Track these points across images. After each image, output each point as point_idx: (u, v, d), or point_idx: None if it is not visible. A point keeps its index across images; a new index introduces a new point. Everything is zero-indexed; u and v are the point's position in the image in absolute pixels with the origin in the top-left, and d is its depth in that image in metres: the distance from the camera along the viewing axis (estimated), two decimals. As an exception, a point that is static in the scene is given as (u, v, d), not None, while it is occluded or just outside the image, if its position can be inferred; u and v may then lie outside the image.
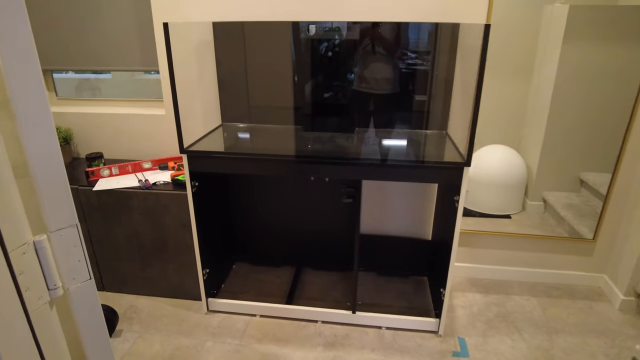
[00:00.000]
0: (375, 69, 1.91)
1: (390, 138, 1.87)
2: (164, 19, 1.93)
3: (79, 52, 2.16)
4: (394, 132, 1.94)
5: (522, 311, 2.01)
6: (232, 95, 2.00)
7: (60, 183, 0.64)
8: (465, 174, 1.53)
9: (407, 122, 1.95)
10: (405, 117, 1.94)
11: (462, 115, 1.92)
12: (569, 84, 1.87)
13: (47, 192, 0.62)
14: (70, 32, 2.12)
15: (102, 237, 1.98)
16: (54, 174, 0.63)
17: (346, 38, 1.86)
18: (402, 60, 1.88)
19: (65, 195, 0.65)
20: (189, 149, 1.65)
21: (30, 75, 0.56)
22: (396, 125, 1.96)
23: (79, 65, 2.20)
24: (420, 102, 1.92)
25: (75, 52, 2.16)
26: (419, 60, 1.86)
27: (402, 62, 1.88)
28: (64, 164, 0.64)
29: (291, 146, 1.75)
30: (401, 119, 1.95)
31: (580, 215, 2.11)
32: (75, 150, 2.29)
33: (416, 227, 2.17)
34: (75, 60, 2.18)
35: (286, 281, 2.18)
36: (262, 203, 2.18)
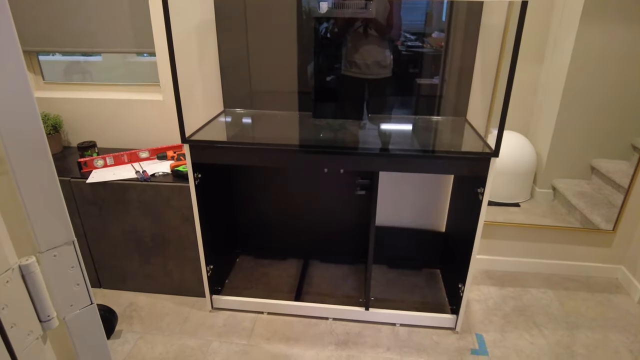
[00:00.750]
0: (385, 54, 1.78)
1: (408, 125, 1.75)
2: None
3: (66, 32, 1.99)
4: (411, 119, 1.82)
5: (540, 305, 1.94)
6: (234, 80, 1.85)
7: (50, 188, 0.52)
8: (492, 165, 1.42)
9: (425, 108, 1.82)
10: (423, 103, 1.82)
11: (483, 100, 1.81)
12: (584, 67, 1.76)
13: (34, 200, 0.50)
14: (56, 10, 1.95)
15: (97, 232, 1.85)
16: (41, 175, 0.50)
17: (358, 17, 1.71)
18: (421, 43, 1.74)
19: (57, 204, 0.53)
20: (192, 139, 1.52)
21: (6, 51, 0.44)
22: (413, 112, 1.84)
23: (66, 46, 2.03)
24: (439, 87, 1.79)
25: (62, 32, 1.99)
26: (439, 43, 1.73)
27: (420, 44, 1.74)
28: (52, 161, 0.52)
29: (302, 135, 1.62)
30: (419, 105, 1.83)
31: (593, 204, 2.03)
32: (66, 138, 2.14)
33: (429, 218, 2.08)
34: (63, 41, 2.01)
35: (293, 275, 2.08)
36: (266, 193, 2.06)
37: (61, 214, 0.52)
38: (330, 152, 1.47)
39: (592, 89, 1.79)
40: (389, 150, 1.45)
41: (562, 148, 1.93)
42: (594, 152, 1.93)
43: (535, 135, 1.96)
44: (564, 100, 1.83)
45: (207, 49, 1.83)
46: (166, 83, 1.95)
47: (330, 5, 1.69)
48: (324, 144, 1.50)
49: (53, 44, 2.03)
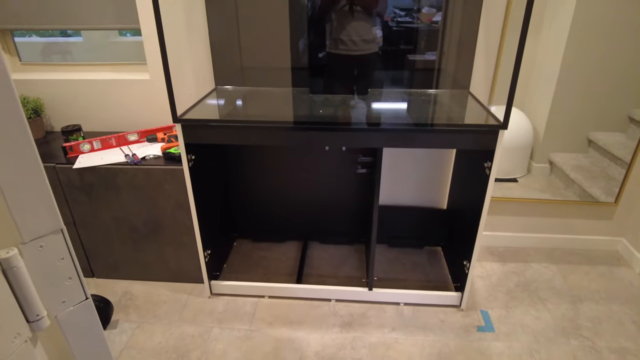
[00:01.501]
0: (376, 28, 1.69)
1: (410, 99, 1.68)
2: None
3: (42, 8, 1.86)
4: (413, 93, 1.74)
5: (543, 279, 1.93)
6: (225, 56, 1.75)
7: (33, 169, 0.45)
8: (500, 138, 1.36)
9: (428, 80, 1.75)
10: (425, 76, 1.75)
11: (487, 72, 1.74)
12: (582, 40, 1.70)
13: (13, 183, 0.42)
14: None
15: (87, 220, 1.77)
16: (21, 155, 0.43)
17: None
18: (421, 14, 1.66)
19: (41, 188, 0.46)
20: (183, 118, 1.43)
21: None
22: (415, 85, 1.77)
23: (43, 23, 1.90)
24: (441, 59, 1.72)
25: (37, 8, 1.86)
26: (429, 18, 1.65)
27: (421, 15, 1.66)
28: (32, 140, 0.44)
29: (301, 111, 1.54)
30: (421, 78, 1.75)
31: (591, 177, 2.00)
32: (48, 123, 2.03)
33: (430, 195, 2.03)
34: (38, 17, 1.88)
35: (293, 257, 2.03)
36: (262, 174, 1.99)
37: (46, 199, 0.45)
38: (332, 129, 1.39)
39: (589, 61, 1.74)
40: (393, 125, 1.39)
41: (559, 122, 1.89)
42: (591, 125, 1.89)
43: (531, 110, 1.92)
44: (562, 73, 1.78)
45: (195, 24, 1.72)
46: (153, 61, 1.84)
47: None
48: (325, 121, 1.43)
49: (28, 21, 1.89)
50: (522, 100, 1.89)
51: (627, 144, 1.90)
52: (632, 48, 1.70)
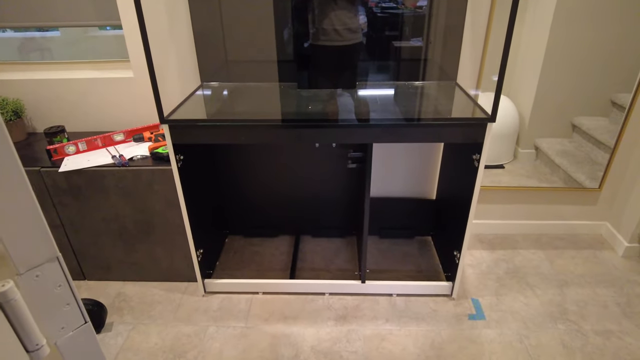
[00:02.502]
0: (360, 18, 1.68)
1: (398, 92, 1.68)
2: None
3: (18, 4, 1.80)
4: (401, 85, 1.74)
5: (531, 265, 1.97)
6: (210, 50, 1.72)
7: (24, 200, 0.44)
8: (488, 131, 1.37)
9: (415, 72, 1.75)
10: (412, 67, 1.74)
11: (474, 63, 1.74)
12: (566, 25, 1.72)
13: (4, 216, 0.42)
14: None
15: (76, 222, 1.74)
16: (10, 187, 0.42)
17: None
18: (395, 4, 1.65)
19: (34, 217, 0.45)
20: (170, 118, 1.41)
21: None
22: (402, 77, 1.76)
23: (18, 20, 1.84)
24: (427, 49, 1.72)
25: (13, 4, 1.80)
26: (413, 3, 1.64)
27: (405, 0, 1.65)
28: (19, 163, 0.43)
29: (289, 108, 1.53)
30: (408, 69, 1.75)
31: (575, 162, 2.04)
32: (30, 124, 1.98)
33: (419, 186, 2.05)
34: (15, 14, 1.82)
35: (285, 252, 2.04)
36: (252, 169, 1.98)
37: (39, 228, 0.44)
38: (321, 126, 1.39)
39: (573, 46, 1.76)
40: (384, 121, 1.39)
41: (544, 107, 1.91)
42: (575, 110, 1.92)
43: (517, 96, 1.93)
44: (546, 59, 1.79)
45: (178, 20, 1.69)
46: (136, 58, 1.80)
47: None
48: (314, 118, 1.42)
49: (2, 19, 1.83)
50: (508, 86, 1.91)
51: (609, 128, 1.94)
52: (614, 34, 1.72)
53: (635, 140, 1.93)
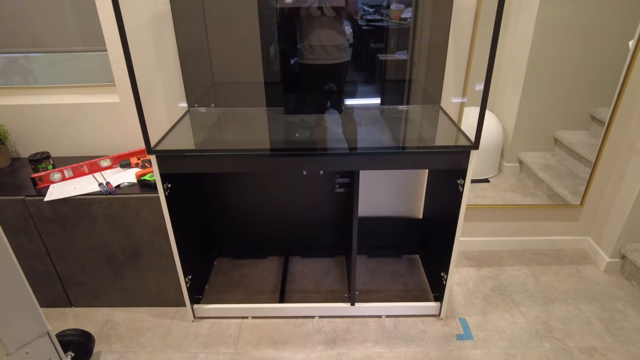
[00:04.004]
0: (346, 36, 1.70)
1: (383, 118, 1.71)
2: (105, -12, 1.60)
3: (4, 30, 1.79)
4: (386, 110, 1.77)
5: (516, 282, 2.01)
6: (197, 76, 1.73)
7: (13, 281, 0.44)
8: (472, 158, 1.41)
9: (400, 95, 1.78)
10: (397, 89, 1.78)
11: (458, 87, 1.78)
12: (546, 41, 1.77)
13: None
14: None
15: (62, 250, 1.73)
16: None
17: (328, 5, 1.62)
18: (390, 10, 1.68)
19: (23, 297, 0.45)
20: (158, 149, 1.41)
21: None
22: (388, 100, 1.80)
23: (5, 45, 1.83)
24: (412, 71, 1.75)
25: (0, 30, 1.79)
26: (398, 14, 1.67)
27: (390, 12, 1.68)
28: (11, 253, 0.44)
29: (275, 136, 1.55)
30: (393, 92, 1.78)
31: (558, 176, 2.09)
32: (14, 149, 1.96)
33: (406, 205, 2.08)
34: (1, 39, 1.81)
35: (274, 274, 2.04)
36: (240, 191, 1.98)
37: (28, 307, 0.45)
38: (308, 154, 1.41)
39: (554, 62, 1.81)
40: (369, 149, 1.41)
41: (527, 121, 1.96)
42: (557, 124, 1.97)
43: (500, 110, 1.98)
44: (529, 73, 1.84)
45: (164, 45, 1.69)
46: (122, 83, 1.80)
47: None
48: (301, 146, 1.44)
49: (-13, 46, 1.81)
50: (492, 101, 1.95)
51: (589, 142, 1.99)
52: (592, 50, 1.77)
53: (614, 156, 1.99)
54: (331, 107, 1.81)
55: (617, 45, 1.77)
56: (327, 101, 1.82)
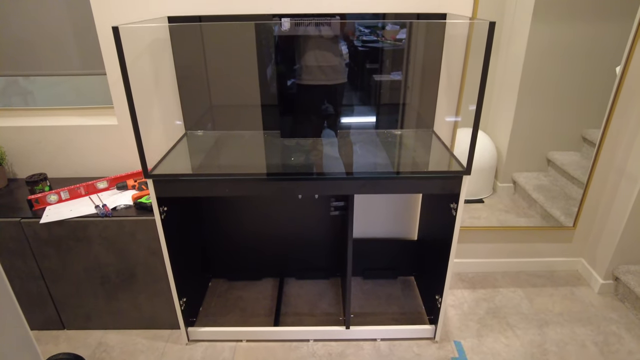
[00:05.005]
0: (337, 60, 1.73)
1: (378, 142, 1.74)
2: (105, 13, 1.64)
3: (6, 53, 1.82)
4: (380, 134, 1.80)
5: (511, 304, 2.01)
6: (195, 100, 1.76)
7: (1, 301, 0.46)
8: (464, 183, 1.43)
9: (394, 119, 1.82)
10: (391, 113, 1.81)
11: (450, 112, 1.82)
12: (538, 64, 1.82)
13: None
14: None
15: (56, 272, 1.72)
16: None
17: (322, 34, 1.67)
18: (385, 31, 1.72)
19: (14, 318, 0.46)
20: (155, 173, 1.43)
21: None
22: (382, 124, 1.83)
23: (6, 69, 1.86)
24: (406, 95, 1.79)
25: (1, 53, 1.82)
26: (393, 35, 1.71)
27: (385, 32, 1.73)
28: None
29: (271, 160, 1.57)
30: (388, 115, 1.82)
31: (551, 197, 2.12)
32: (10, 170, 1.96)
33: (401, 227, 2.09)
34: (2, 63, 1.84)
35: (269, 296, 2.04)
36: (236, 212, 1.99)
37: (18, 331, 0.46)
38: (303, 178, 1.43)
39: (545, 84, 1.85)
40: (363, 174, 1.43)
41: (520, 142, 1.99)
42: (549, 145, 2.00)
43: (494, 131, 2.01)
44: (520, 96, 1.87)
45: (162, 69, 1.73)
46: (121, 106, 1.82)
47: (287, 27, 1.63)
48: (296, 171, 1.46)
49: (-12, 69, 1.84)
50: (485, 122, 1.98)
51: (581, 163, 2.02)
52: (582, 72, 1.82)
53: (604, 180, 2.02)
54: (327, 129, 1.83)
55: (606, 68, 1.82)
56: (323, 123, 1.85)
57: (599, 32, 1.75)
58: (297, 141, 1.75)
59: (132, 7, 1.62)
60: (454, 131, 1.87)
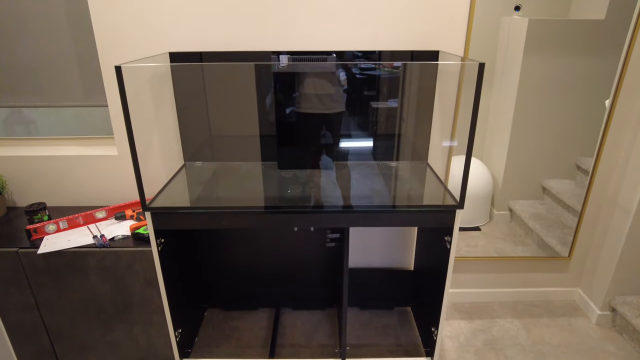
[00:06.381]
0: (337, 93, 1.78)
1: (373, 174, 1.77)
2: (109, 47, 1.69)
3: (10, 84, 1.87)
4: (376, 166, 1.83)
5: (508, 336, 2.00)
6: (194, 130, 1.80)
7: None
8: (458, 217, 1.45)
9: (390, 151, 1.85)
10: (387, 144, 1.85)
11: (444, 144, 1.86)
12: (531, 94, 1.87)
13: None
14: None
15: (52, 303, 1.72)
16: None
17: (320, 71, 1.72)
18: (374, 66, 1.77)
19: None
20: (153, 206, 1.45)
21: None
22: (378, 155, 1.86)
23: (10, 101, 1.90)
24: (401, 128, 1.83)
25: (5, 85, 1.87)
26: (391, 64, 1.76)
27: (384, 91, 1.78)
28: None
29: (269, 192, 1.60)
30: (384, 148, 1.85)
31: (547, 225, 2.13)
32: (10, 198, 1.98)
33: (397, 257, 2.10)
34: (6, 94, 1.88)
35: (265, 327, 2.02)
36: (233, 242, 2.00)
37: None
38: (299, 211, 1.45)
39: (539, 113, 1.89)
40: (358, 207, 1.46)
41: (516, 170, 2.02)
42: (544, 173, 2.03)
43: (489, 159, 2.04)
44: (515, 124, 1.91)
45: (163, 101, 1.77)
46: (121, 137, 1.86)
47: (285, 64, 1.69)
48: (293, 204, 1.48)
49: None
50: (481, 150, 2.02)
51: (576, 191, 2.05)
52: (574, 103, 1.86)
53: (598, 211, 2.04)
54: (324, 159, 1.86)
55: (597, 99, 1.87)
56: (320, 153, 1.89)
57: (588, 66, 1.81)
58: (294, 173, 1.77)
59: (136, 42, 1.68)
60: (447, 164, 1.91)
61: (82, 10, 1.75)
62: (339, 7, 1.63)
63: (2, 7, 1.76)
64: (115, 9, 1.63)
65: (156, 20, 1.64)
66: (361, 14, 1.64)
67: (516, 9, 1.73)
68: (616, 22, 1.74)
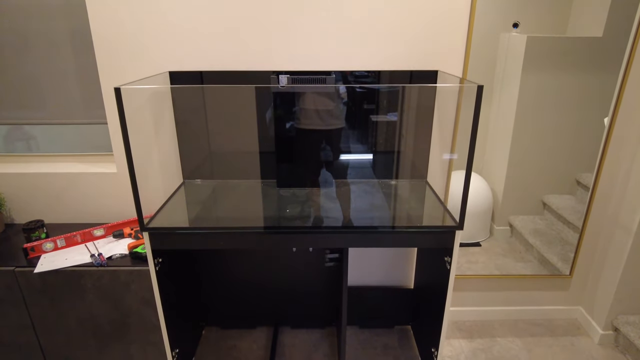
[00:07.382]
0: (336, 110, 1.78)
1: (373, 193, 1.76)
2: (109, 66, 1.70)
3: (10, 102, 1.87)
4: (375, 184, 1.83)
5: (509, 356, 1.98)
6: (193, 148, 1.80)
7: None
8: (457, 238, 1.44)
9: (389, 169, 1.85)
10: (387, 161, 1.84)
11: (442, 164, 1.86)
12: (530, 110, 1.87)
13: None
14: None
15: (48, 322, 1.70)
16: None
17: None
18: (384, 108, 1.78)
19: None
20: (151, 226, 1.44)
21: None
22: (377, 173, 1.86)
23: (11, 118, 1.91)
24: (400, 145, 1.83)
25: (5, 102, 1.87)
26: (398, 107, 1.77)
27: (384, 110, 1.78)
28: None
29: (267, 212, 1.59)
30: (383, 165, 1.85)
31: (548, 241, 2.12)
32: (8, 215, 1.98)
33: (397, 275, 2.08)
34: (7, 112, 1.89)
35: (263, 346, 2.00)
36: (231, 262, 1.99)
37: None
38: (297, 232, 1.44)
39: (538, 128, 1.89)
40: (357, 228, 1.45)
41: (516, 186, 2.01)
42: (545, 188, 2.02)
43: (489, 174, 2.04)
44: (515, 139, 1.91)
45: (163, 119, 1.77)
46: (120, 155, 1.86)
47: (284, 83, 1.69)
48: (291, 224, 1.48)
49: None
50: (481, 165, 2.01)
51: (576, 207, 2.04)
52: (573, 118, 1.87)
53: (599, 229, 2.03)
54: (323, 174, 1.86)
55: (596, 115, 1.87)
56: (319, 171, 1.88)
57: (587, 82, 1.81)
58: (293, 191, 1.77)
59: (136, 61, 1.69)
60: (447, 182, 1.90)
61: (83, 29, 1.76)
62: (338, 28, 1.64)
63: (4, 25, 1.77)
64: (116, 28, 1.64)
65: (157, 40, 1.65)
66: (360, 35, 1.65)
67: (514, 26, 1.74)
68: (614, 39, 1.75)
